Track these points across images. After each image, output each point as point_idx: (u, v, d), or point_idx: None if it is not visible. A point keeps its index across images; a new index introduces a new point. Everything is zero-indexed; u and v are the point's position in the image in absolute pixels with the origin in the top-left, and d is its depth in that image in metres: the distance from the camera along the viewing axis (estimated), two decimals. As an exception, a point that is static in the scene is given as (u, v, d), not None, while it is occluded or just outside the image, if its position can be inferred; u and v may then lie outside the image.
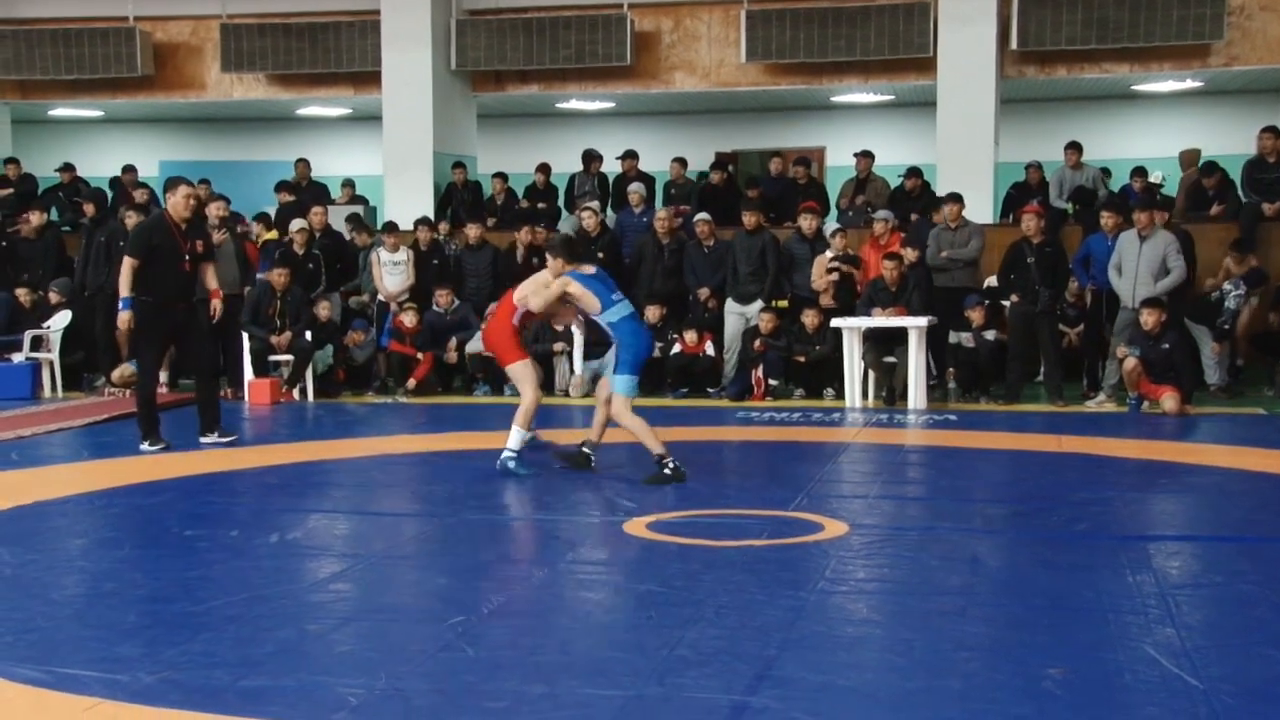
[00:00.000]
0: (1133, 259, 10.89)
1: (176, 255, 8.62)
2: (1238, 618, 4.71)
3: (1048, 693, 3.84)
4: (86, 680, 3.95)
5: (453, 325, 12.50)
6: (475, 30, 14.61)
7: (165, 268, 8.59)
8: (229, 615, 4.70)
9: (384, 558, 5.75)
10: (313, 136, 18.18)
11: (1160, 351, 10.38)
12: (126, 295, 8.59)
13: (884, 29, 13.64)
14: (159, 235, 8.64)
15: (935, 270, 11.81)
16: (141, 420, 8.81)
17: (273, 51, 14.87)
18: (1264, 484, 7.46)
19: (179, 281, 8.69)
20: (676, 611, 4.79)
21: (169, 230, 8.64)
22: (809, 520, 6.31)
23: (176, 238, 8.64)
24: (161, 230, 8.67)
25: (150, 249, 8.58)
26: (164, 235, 8.63)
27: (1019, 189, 13.95)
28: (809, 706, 3.71)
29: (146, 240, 8.64)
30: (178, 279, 8.67)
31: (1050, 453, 8.62)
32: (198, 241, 8.74)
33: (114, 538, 6.25)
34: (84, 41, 15.10)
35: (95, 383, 12.90)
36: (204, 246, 8.83)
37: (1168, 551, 5.74)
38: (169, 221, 8.68)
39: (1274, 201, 12.60)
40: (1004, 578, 5.35)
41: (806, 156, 15.03)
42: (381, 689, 3.88)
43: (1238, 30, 13.40)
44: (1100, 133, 15.83)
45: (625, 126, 17.00)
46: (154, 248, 8.58)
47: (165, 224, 8.69)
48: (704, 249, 12.55)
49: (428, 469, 8.33)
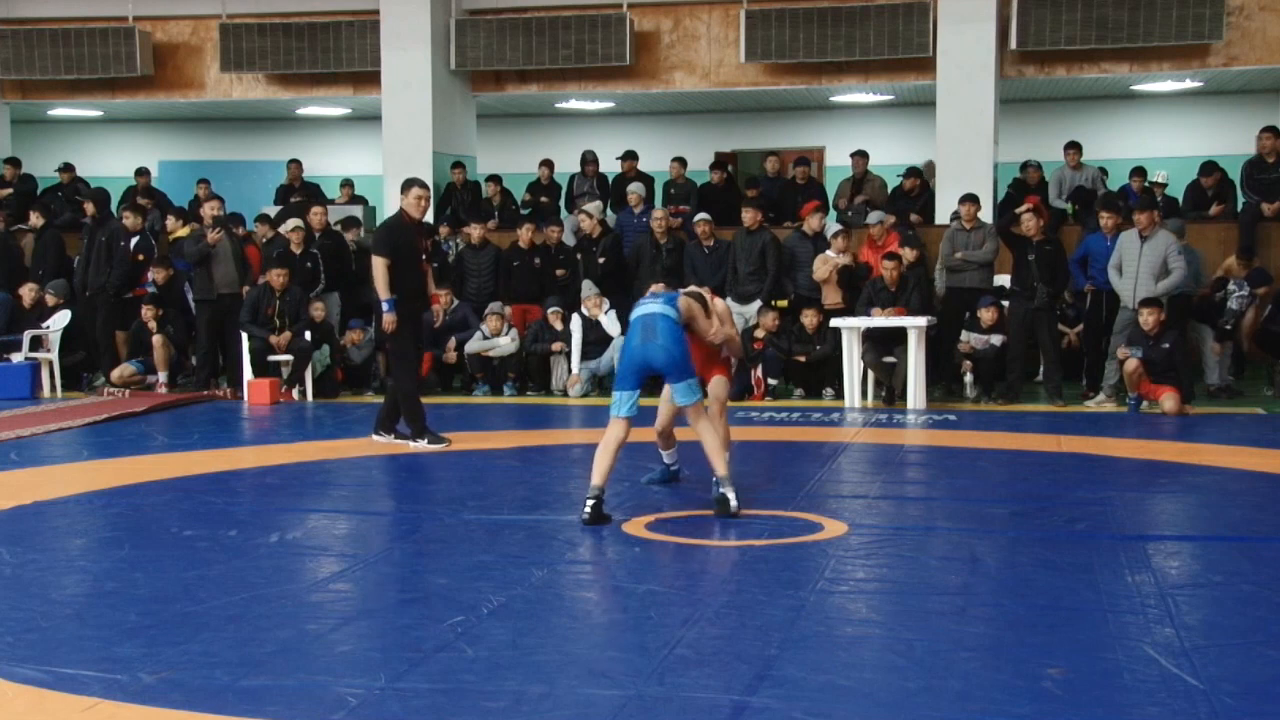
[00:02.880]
0: (1133, 259, 10.88)
1: (416, 254, 8.72)
2: (1237, 618, 4.71)
3: (1047, 693, 3.84)
4: (86, 680, 3.96)
5: (451, 326, 12.50)
6: (475, 30, 14.61)
7: (406, 268, 8.62)
8: (229, 615, 4.71)
9: (383, 558, 5.75)
10: (312, 136, 18.19)
11: (1160, 351, 10.39)
12: (389, 297, 8.56)
13: (883, 29, 13.64)
14: (401, 235, 8.68)
15: (950, 271, 11.81)
16: (412, 420, 8.84)
17: (272, 51, 14.87)
18: (1263, 484, 7.46)
19: (418, 280, 8.76)
20: (676, 611, 4.80)
21: (408, 229, 8.70)
22: (809, 520, 6.32)
23: (415, 237, 8.70)
24: (401, 230, 8.71)
25: (394, 249, 8.62)
26: (405, 234, 8.68)
27: (1018, 189, 13.95)
28: (809, 706, 3.71)
29: (394, 240, 8.66)
30: (417, 278, 8.74)
31: (1050, 453, 8.62)
32: (428, 242, 8.77)
33: (114, 538, 6.25)
34: (83, 41, 15.10)
35: (95, 383, 12.91)
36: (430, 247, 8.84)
37: (1167, 551, 5.74)
38: (407, 220, 8.71)
39: (1273, 201, 12.60)
40: (1003, 578, 5.35)
41: (806, 156, 15.03)
42: (381, 689, 3.88)
43: (1237, 30, 13.40)
44: (1100, 133, 15.83)
45: (625, 126, 17.00)
46: (396, 248, 8.62)
47: (405, 224, 8.72)
48: (704, 249, 12.57)
49: (427, 469, 8.32)
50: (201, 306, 12.39)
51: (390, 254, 8.58)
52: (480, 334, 12.32)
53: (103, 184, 14.71)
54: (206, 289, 12.26)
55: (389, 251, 8.59)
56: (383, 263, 8.55)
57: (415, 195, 8.65)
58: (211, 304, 12.26)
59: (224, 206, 12.83)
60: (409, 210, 8.69)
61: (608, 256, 12.90)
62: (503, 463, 8.44)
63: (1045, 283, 10.92)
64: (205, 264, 12.21)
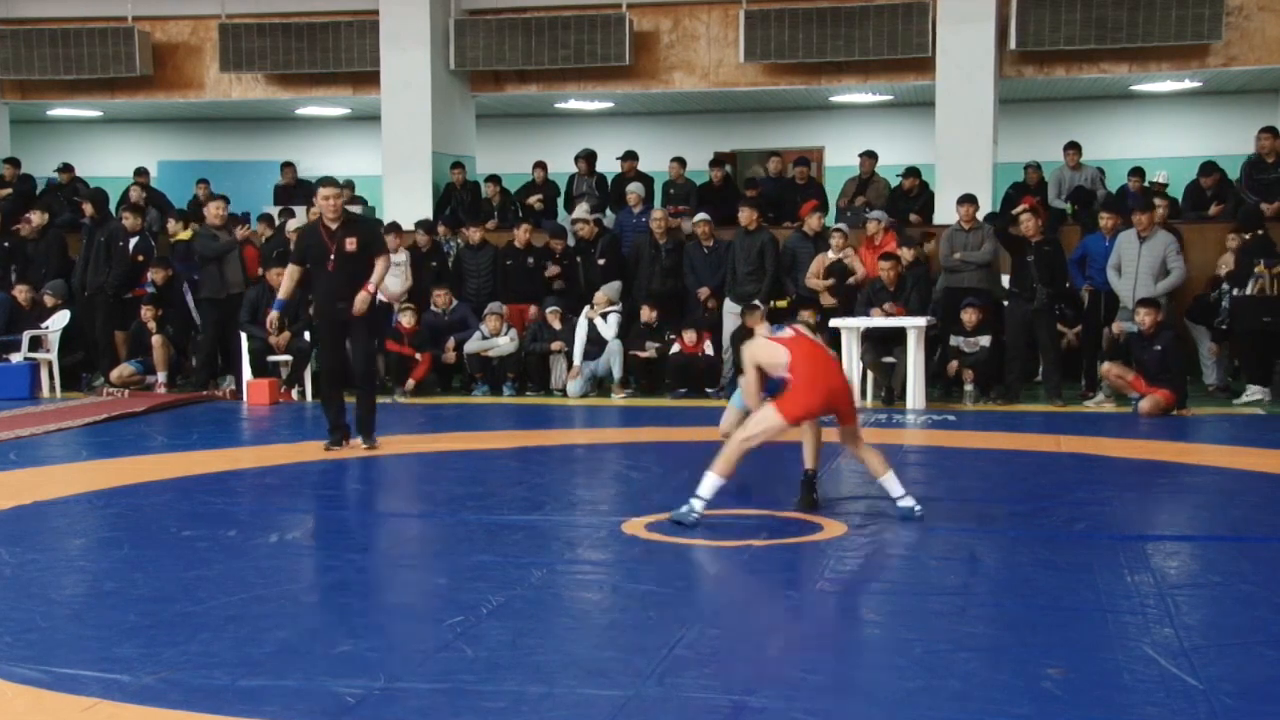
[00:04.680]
0: (1132, 259, 10.89)
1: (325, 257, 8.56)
2: (1236, 618, 4.72)
3: (1047, 692, 3.84)
4: (85, 680, 3.96)
5: (451, 325, 12.50)
6: (474, 30, 14.61)
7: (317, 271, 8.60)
8: (228, 615, 4.71)
9: (383, 558, 5.75)
10: (311, 136, 18.17)
11: (1154, 353, 10.38)
12: (280, 298, 8.84)
13: (883, 29, 13.63)
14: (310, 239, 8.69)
15: (948, 271, 11.81)
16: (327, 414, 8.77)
17: (271, 51, 14.86)
18: (1262, 484, 7.47)
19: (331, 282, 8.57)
20: (675, 611, 4.80)
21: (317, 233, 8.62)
22: (807, 520, 6.31)
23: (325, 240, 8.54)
24: (310, 234, 8.72)
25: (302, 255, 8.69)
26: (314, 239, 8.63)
27: (1018, 189, 13.95)
28: (808, 706, 3.71)
29: (302, 245, 8.74)
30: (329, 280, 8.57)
31: (1049, 453, 8.62)
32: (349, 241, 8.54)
33: (113, 538, 6.25)
34: (82, 41, 15.08)
35: (94, 383, 12.90)
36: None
37: (1166, 551, 5.75)
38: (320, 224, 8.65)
39: (1273, 202, 12.60)
40: (1003, 577, 5.36)
41: (805, 156, 15.03)
42: (380, 689, 3.88)
43: (1236, 30, 13.39)
44: (1099, 133, 15.82)
45: (624, 126, 16.98)
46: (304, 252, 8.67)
47: (315, 228, 8.69)
48: (704, 249, 12.57)
49: (426, 469, 8.32)
50: (210, 306, 12.38)
51: (298, 260, 8.66)
52: (479, 334, 12.32)
53: (102, 184, 14.71)
54: (218, 288, 12.27)
55: (296, 259, 8.69)
56: (289, 269, 8.73)
57: (322, 196, 8.55)
58: (220, 303, 12.26)
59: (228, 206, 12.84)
60: (321, 213, 8.61)
61: (606, 257, 12.91)
62: (502, 463, 8.44)
63: (1044, 283, 10.92)
64: (218, 263, 12.23)
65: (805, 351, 6.16)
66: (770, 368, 6.20)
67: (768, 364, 6.22)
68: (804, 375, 6.04)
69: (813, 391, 6.03)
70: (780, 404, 6.07)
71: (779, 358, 6.15)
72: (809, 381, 6.03)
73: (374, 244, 8.67)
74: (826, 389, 6.06)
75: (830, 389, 6.09)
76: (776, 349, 6.19)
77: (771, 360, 6.19)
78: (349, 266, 8.49)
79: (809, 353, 6.16)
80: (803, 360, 6.09)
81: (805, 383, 6.04)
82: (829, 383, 6.09)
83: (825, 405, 6.11)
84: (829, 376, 6.13)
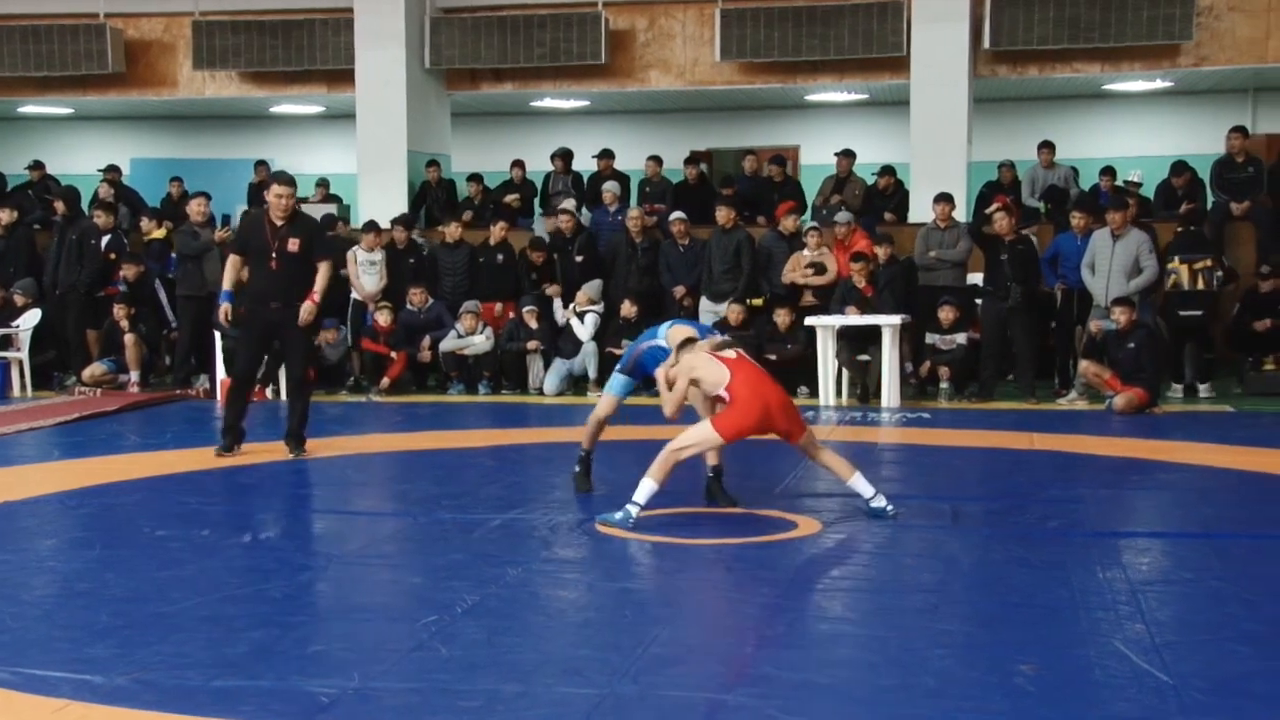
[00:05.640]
0: (1106, 258, 10.95)
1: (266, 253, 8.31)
2: (1206, 613, 4.75)
3: (1020, 689, 3.86)
4: (56, 682, 3.93)
5: (426, 324, 12.47)
6: (450, 28, 14.58)
7: (256, 266, 8.37)
8: (202, 615, 4.68)
9: (357, 557, 5.74)
10: (286, 135, 18.10)
11: (1127, 351, 10.45)
12: (225, 289, 8.65)
13: (857, 28, 13.68)
14: (253, 232, 8.46)
15: (922, 269, 11.86)
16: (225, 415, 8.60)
17: (245, 49, 14.79)
18: (1233, 481, 7.53)
19: (268, 281, 8.33)
20: (651, 610, 4.80)
21: (262, 227, 8.39)
22: (783, 519, 6.33)
23: (268, 235, 8.31)
24: (254, 227, 8.48)
25: (243, 245, 8.50)
26: (257, 232, 8.40)
27: (991, 188, 14.01)
28: (784, 704, 3.72)
29: (244, 237, 8.56)
30: (266, 277, 8.33)
31: (1022, 450, 8.66)
32: (296, 241, 8.30)
33: (85, 538, 6.21)
34: (54, 38, 14.97)
35: (66, 382, 12.81)
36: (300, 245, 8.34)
37: (1138, 548, 5.79)
38: (267, 219, 8.38)
39: (1242, 201, 12.71)
40: (977, 575, 5.38)
41: (781, 155, 15.07)
42: (355, 689, 3.87)
43: (1206, 31, 13.49)
44: (1072, 132, 15.90)
45: (600, 125, 16.98)
46: (245, 244, 8.47)
47: (261, 221, 8.43)
48: (680, 247, 12.59)
49: (401, 468, 8.30)
50: (188, 303, 12.31)
51: (239, 250, 8.48)
52: (455, 332, 12.30)
53: (74, 182, 14.61)
54: (197, 285, 12.20)
55: (237, 248, 8.52)
56: (230, 259, 8.54)
57: (274, 193, 8.32)
58: (198, 301, 12.19)
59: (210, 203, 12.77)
60: (270, 208, 8.37)
61: (585, 255, 12.91)
62: (478, 461, 8.43)
63: (1018, 282, 10.97)
64: (197, 260, 12.17)
65: (746, 375, 6.31)
66: (713, 386, 6.31)
67: (708, 380, 6.33)
68: (743, 398, 6.19)
69: (750, 414, 6.20)
70: (718, 421, 6.24)
71: (720, 377, 6.27)
72: (747, 404, 6.19)
73: (318, 247, 8.45)
74: (763, 411, 6.22)
75: (767, 412, 6.24)
76: (720, 368, 6.31)
77: (714, 378, 6.30)
78: (290, 267, 8.26)
79: (750, 377, 6.31)
80: (743, 385, 6.23)
81: (743, 404, 6.20)
82: (766, 403, 6.23)
83: (760, 426, 6.27)
84: (767, 398, 6.26)
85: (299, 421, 8.54)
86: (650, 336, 6.98)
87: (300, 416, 8.55)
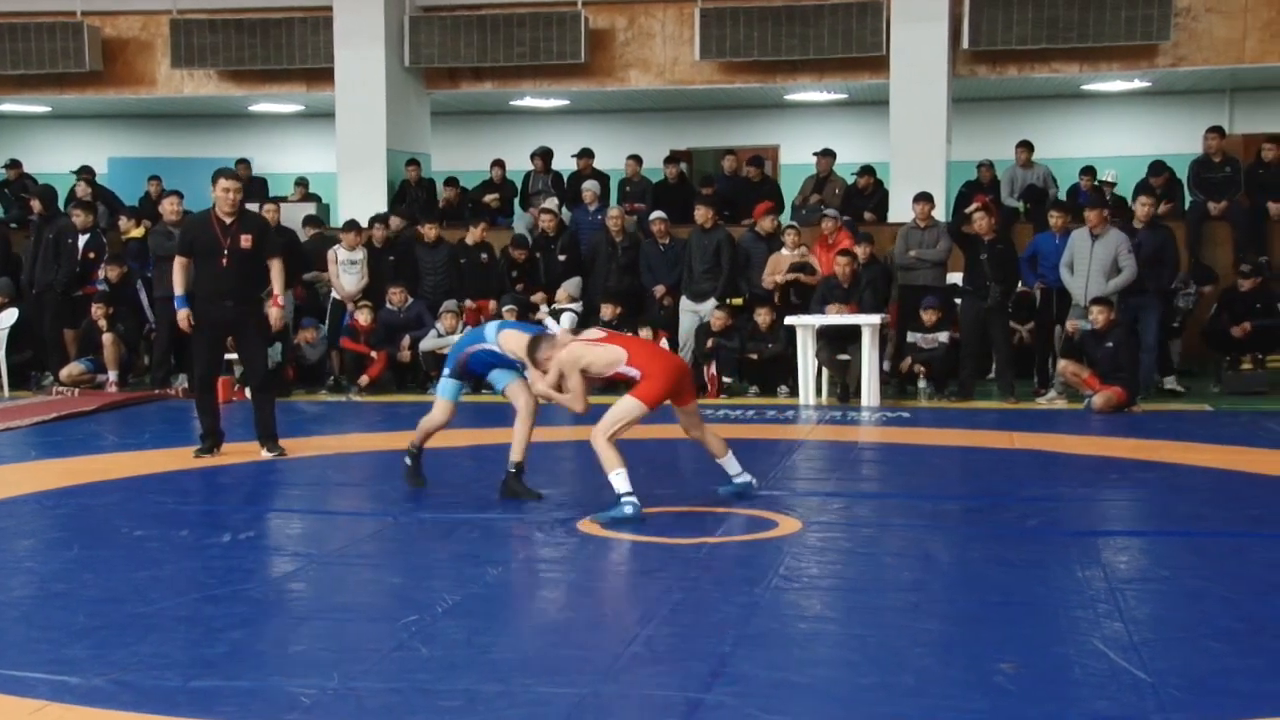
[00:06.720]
0: (1085, 257, 10.99)
1: (215, 252, 8.18)
2: (1184, 612, 4.78)
3: (999, 687, 3.87)
4: (34, 683, 3.91)
5: (406, 323, 12.44)
6: (429, 27, 14.55)
7: (203, 265, 8.19)
8: (180, 616, 4.67)
9: (337, 557, 5.72)
10: (265, 134, 18.03)
11: (1106, 350, 10.49)
12: (179, 294, 8.35)
13: (837, 28, 13.71)
14: (199, 231, 8.27)
15: (902, 269, 11.89)
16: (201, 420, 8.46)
17: (224, 47, 14.73)
18: (1210, 479, 7.57)
19: (217, 280, 8.20)
20: (631, 609, 4.80)
21: (209, 226, 8.24)
22: (763, 517, 6.34)
23: (216, 234, 8.17)
24: (201, 226, 8.31)
25: (189, 245, 8.31)
26: (204, 231, 8.23)
27: (970, 187, 14.06)
28: (763, 703, 3.72)
29: (189, 237, 8.34)
30: (215, 277, 8.19)
31: (1002, 449, 8.70)
32: (246, 238, 8.19)
33: (63, 538, 6.18)
34: (30, 36, 14.88)
35: (43, 382, 12.74)
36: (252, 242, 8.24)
37: (1116, 547, 5.81)
38: (213, 216, 8.24)
39: (1220, 200, 12.78)
40: (956, 574, 5.40)
41: (760, 155, 15.09)
42: (335, 689, 3.86)
43: (1184, 31, 13.57)
44: (1050, 132, 15.97)
45: (580, 124, 16.96)
46: (191, 244, 8.28)
47: (207, 220, 8.27)
48: (660, 247, 12.59)
49: (381, 467, 8.28)
50: (166, 303, 12.20)
51: (184, 252, 8.31)
52: (435, 332, 12.27)
53: (51, 181, 14.52)
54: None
55: (184, 249, 8.34)
56: (177, 261, 8.33)
57: (221, 188, 8.17)
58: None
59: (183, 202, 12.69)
60: (216, 205, 8.23)
61: (567, 253, 12.90)
62: (458, 461, 8.41)
63: (997, 281, 11.01)
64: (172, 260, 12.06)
65: (642, 347, 6.56)
66: (607, 367, 6.39)
67: (604, 364, 6.39)
68: (655, 367, 6.36)
69: (667, 378, 6.36)
70: (638, 393, 6.34)
71: (615, 356, 6.37)
72: (662, 370, 6.36)
73: (270, 244, 8.38)
74: (677, 373, 6.43)
75: (680, 373, 6.46)
76: (610, 349, 6.42)
77: (607, 359, 6.38)
78: (243, 266, 8.17)
79: (647, 347, 6.58)
80: (648, 357, 6.43)
81: (658, 371, 6.35)
82: (676, 366, 6.47)
83: (676, 389, 6.42)
84: (674, 362, 6.52)
85: (268, 420, 8.47)
86: (476, 339, 7.02)
87: (268, 415, 8.47)
